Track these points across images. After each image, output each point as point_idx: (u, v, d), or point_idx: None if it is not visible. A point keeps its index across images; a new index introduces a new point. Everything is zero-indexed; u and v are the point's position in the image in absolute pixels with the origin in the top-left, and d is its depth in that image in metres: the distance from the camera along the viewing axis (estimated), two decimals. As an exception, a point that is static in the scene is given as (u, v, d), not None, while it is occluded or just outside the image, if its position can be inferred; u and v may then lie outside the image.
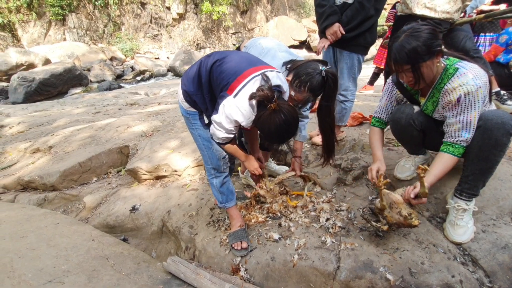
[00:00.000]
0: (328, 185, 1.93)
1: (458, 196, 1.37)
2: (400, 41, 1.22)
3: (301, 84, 1.42)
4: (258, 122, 1.27)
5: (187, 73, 1.46)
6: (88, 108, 5.58)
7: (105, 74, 10.41)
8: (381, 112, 1.62)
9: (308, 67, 1.43)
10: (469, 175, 1.33)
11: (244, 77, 1.24)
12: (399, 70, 1.28)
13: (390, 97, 1.57)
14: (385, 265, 1.29)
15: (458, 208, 1.35)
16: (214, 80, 1.34)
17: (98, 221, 2.28)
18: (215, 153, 1.54)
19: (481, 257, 1.29)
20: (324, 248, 1.43)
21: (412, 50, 1.20)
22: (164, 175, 2.53)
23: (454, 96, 1.25)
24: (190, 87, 1.41)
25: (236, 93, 1.23)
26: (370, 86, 4.32)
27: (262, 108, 1.23)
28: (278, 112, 1.21)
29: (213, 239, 1.68)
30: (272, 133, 1.25)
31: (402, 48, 1.21)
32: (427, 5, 1.90)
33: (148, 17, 12.94)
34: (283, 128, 1.23)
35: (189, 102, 1.44)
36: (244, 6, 13.87)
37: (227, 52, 1.40)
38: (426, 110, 1.46)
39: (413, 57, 1.21)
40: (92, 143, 3.25)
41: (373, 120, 1.65)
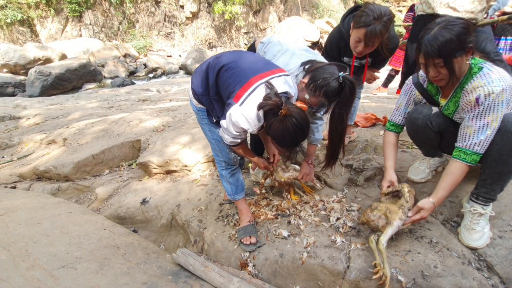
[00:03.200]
0: (339, 185, 1.92)
1: (474, 200, 1.33)
2: (433, 33, 1.15)
3: (317, 88, 1.38)
4: (269, 130, 1.27)
5: (197, 72, 1.50)
6: (101, 103, 5.69)
7: (119, 70, 10.59)
8: (397, 115, 1.56)
9: (326, 71, 1.38)
10: (487, 179, 1.28)
11: (249, 85, 1.25)
12: (429, 64, 1.20)
13: (408, 98, 1.51)
14: (397, 267, 1.27)
15: (474, 212, 1.32)
16: (221, 85, 1.37)
17: (109, 212, 2.32)
18: (226, 147, 1.56)
19: (497, 263, 1.25)
20: (334, 247, 1.42)
21: (445, 43, 1.12)
22: (175, 170, 2.55)
23: (473, 95, 1.20)
24: (198, 87, 1.45)
25: (242, 101, 1.24)
26: (384, 88, 4.26)
27: (271, 116, 1.23)
28: (289, 117, 1.21)
29: (222, 233, 1.68)
30: (285, 139, 1.26)
31: (434, 40, 1.14)
32: (451, 4, 1.86)
33: (162, 15, 13.10)
34: (296, 132, 1.23)
35: (198, 100, 1.49)
36: (257, 6, 13.88)
37: (235, 55, 1.39)
38: (447, 110, 1.39)
39: (446, 50, 1.13)
40: (105, 136, 3.31)
41: (388, 124, 1.59)
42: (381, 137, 2.31)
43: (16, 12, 11.45)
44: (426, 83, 1.43)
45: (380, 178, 1.87)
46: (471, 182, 1.58)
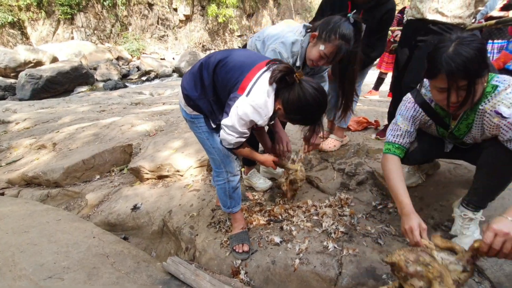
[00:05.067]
0: (331, 190, 1.91)
1: (465, 206, 1.33)
2: (452, 50, 0.98)
3: (331, 32, 1.35)
4: (289, 104, 1.17)
5: (186, 77, 1.38)
6: (93, 107, 5.62)
7: (111, 73, 10.50)
8: (402, 137, 1.31)
9: (332, 19, 1.38)
10: (479, 188, 1.27)
11: (253, 74, 1.18)
12: (452, 87, 1.01)
13: (414, 120, 1.30)
14: (388, 273, 1.27)
15: (465, 217, 1.32)
16: (219, 82, 1.28)
17: (100, 219, 2.28)
18: (228, 155, 1.45)
19: (488, 267, 1.26)
20: (326, 253, 1.41)
21: (471, 60, 0.96)
22: (167, 175, 2.52)
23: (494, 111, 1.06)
24: (192, 91, 1.33)
25: (248, 91, 1.16)
26: (375, 91, 4.30)
27: (286, 89, 1.16)
28: (305, 81, 1.15)
29: (214, 240, 1.66)
30: (311, 107, 1.16)
31: (459, 58, 0.96)
32: (439, 9, 1.87)
33: (155, 18, 13.06)
34: (318, 95, 1.15)
35: (193, 106, 1.37)
36: (251, 9, 13.94)
37: (228, 51, 1.33)
38: (458, 132, 1.27)
39: (473, 70, 0.97)
40: (96, 141, 3.26)
41: (390, 146, 1.33)
42: (373, 141, 2.33)
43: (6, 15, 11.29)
44: (435, 104, 1.26)
45: (372, 183, 1.88)
46: (462, 186, 1.59)
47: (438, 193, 1.60)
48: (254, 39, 1.73)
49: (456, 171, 1.71)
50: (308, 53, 1.51)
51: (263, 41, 1.62)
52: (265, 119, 1.21)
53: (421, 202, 1.59)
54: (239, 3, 13.38)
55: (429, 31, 1.93)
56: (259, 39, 1.66)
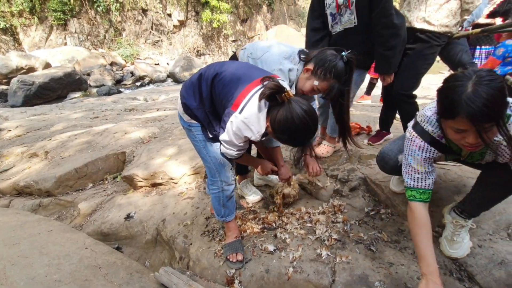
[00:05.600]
0: (324, 196, 1.93)
1: (458, 213, 1.34)
2: (475, 91, 0.88)
3: (326, 71, 1.41)
4: (275, 123, 1.16)
5: (186, 85, 1.42)
6: (86, 113, 5.58)
7: (105, 79, 10.44)
8: (423, 180, 1.18)
9: (328, 55, 1.42)
10: (476, 199, 1.27)
11: (248, 91, 1.21)
12: (471, 130, 0.93)
13: (430, 159, 1.19)
14: (381, 280, 1.28)
15: (456, 224, 1.33)
16: (216, 95, 1.31)
17: (92, 229, 2.25)
18: (224, 164, 1.47)
19: (478, 272, 1.28)
20: (319, 261, 1.42)
21: (493, 103, 0.87)
22: (160, 183, 2.51)
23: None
24: (191, 101, 1.36)
25: (241, 108, 1.19)
26: (368, 96, 4.36)
27: (275, 108, 1.17)
28: (294, 101, 1.15)
29: (208, 249, 1.66)
30: (297, 127, 1.14)
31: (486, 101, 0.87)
32: (426, 19, 1.93)
33: (149, 24, 13.06)
34: (306, 117, 1.13)
35: (190, 115, 1.40)
36: (244, 15, 14.05)
37: (225, 65, 1.36)
38: (471, 159, 1.22)
39: (495, 112, 0.89)
40: (89, 149, 3.24)
41: (413, 192, 1.20)
42: (365, 147, 2.35)
43: (-2, 21, 11.19)
44: (444, 140, 1.17)
45: (365, 189, 1.90)
46: (451, 192, 1.62)
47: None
48: (247, 54, 1.69)
49: (446, 177, 1.74)
50: (301, 83, 1.55)
51: (257, 62, 1.62)
52: (257, 135, 1.22)
53: (412, 208, 1.61)
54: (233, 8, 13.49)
55: (417, 39, 1.98)
56: (252, 57, 1.64)
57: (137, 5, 12.52)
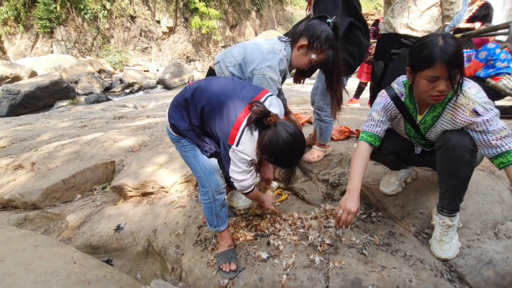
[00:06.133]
0: (316, 201, 1.93)
1: (441, 213, 1.38)
2: (444, 43, 1.09)
3: (323, 43, 1.46)
4: (263, 146, 1.24)
5: (174, 105, 1.42)
6: (74, 122, 5.47)
7: (93, 86, 10.29)
8: (375, 126, 1.40)
9: (318, 26, 1.46)
10: (445, 192, 1.35)
11: (239, 123, 1.25)
12: (443, 76, 1.11)
13: (385, 110, 1.40)
14: (374, 284, 1.28)
15: (443, 224, 1.36)
16: (209, 124, 1.35)
17: (81, 241, 2.19)
18: (214, 172, 1.48)
19: (467, 273, 1.30)
20: (312, 267, 1.42)
21: (459, 53, 1.09)
22: (151, 192, 2.48)
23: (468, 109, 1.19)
24: (180, 123, 1.39)
25: (237, 141, 1.26)
26: (356, 100, 4.42)
27: (263, 131, 1.24)
28: (280, 124, 1.21)
29: (200, 259, 1.63)
30: (282, 150, 1.20)
31: (453, 49, 1.08)
32: (409, 25, 1.98)
33: (137, 30, 12.99)
34: (291, 140, 1.19)
35: (179, 134, 1.43)
36: (234, 21, 14.14)
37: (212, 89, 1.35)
38: (423, 124, 1.37)
39: (461, 60, 1.12)
40: (77, 159, 3.17)
41: (363, 134, 1.42)
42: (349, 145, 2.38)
43: (-19, 29, 10.92)
44: (405, 97, 1.37)
45: (356, 192, 1.91)
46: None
47: (418, 200, 1.65)
48: (224, 66, 1.65)
49: (434, 178, 1.76)
50: (296, 61, 1.58)
51: (240, 65, 1.60)
52: (256, 159, 1.33)
53: (402, 210, 1.64)
54: (222, 14, 13.56)
55: (401, 44, 2.03)
56: (232, 64, 1.61)
57: (125, 12, 12.44)
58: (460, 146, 1.22)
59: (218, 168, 1.50)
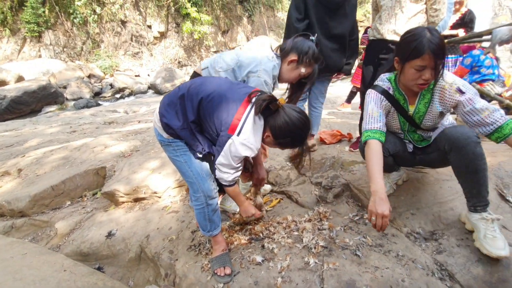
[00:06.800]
0: (309, 204, 1.95)
1: (475, 211, 1.36)
2: (430, 36, 1.23)
3: (311, 58, 1.60)
4: (277, 130, 1.28)
5: (165, 104, 1.39)
6: (63, 127, 5.36)
7: (82, 91, 10.12)
8: (376, 122, 1.42)
9: (305, 43, 1.61)
10: (472, 189, 1.34)
11: (241, 113, 1.26)
12: (429, 66, 1.25)
13: (380, 104, 1.46)
14: (368, 284, 1.30)
15: (487, 219, 1.32)
16: (206, 118, 1.32)
17: (71, 249, 2.14)
18: (206, 177, 1.46)
19: (457, 271, 1.33)
20: (307, 269, 1.42)
21: (444, 44, 1.24)
22: (143, 197, 2.45)
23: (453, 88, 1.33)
24: (174, 121, 1.34)
25: (239, 131, 1.25)
26: (348, 104, 4.50)
27: (272, 117, 1.28)
28: (286, 107, 1.29)
29: (194, 264, 1.62)
30: (298, 127, 1.27)
31: (439, 41, 1.22)
32: (396, 31, 2.05)
33: (128, 35, 12.90)
34: (302, 117, 1.28)
35: (172, 134, 1.39)
36: (225, 26, 14.22)
37: (208, 84, 1.35)
38: (418, 113, 1.46)
39: (445, 51, 1.27)
40: (66, 165, 3.10)
41: (368, 133, 1.41)
42: (347, 153, 2.42)
43: (-35, 33, 10.64)
44: (393, 91, 1.47)
45: (348, 194, 1.94)
46: (429, 194, 1.69)
47: (409, 202, 1.68)
48: (213, 71, 1.67)
49: (423, 180, 1.81)
50: (286, 75, 1.69)
51: (233, 70, 1.64)
52: (256, 151, 1.32)
53: (394, 211, 1.67)
54: (214, 20, 13.63)
55: (389, 50, 2.09)
56: (224, 69, 1.65)
57: (116, 17, 12.36)
58: (468, 144, 1.25)
59: (210, 173, 1.49)
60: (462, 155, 1.29)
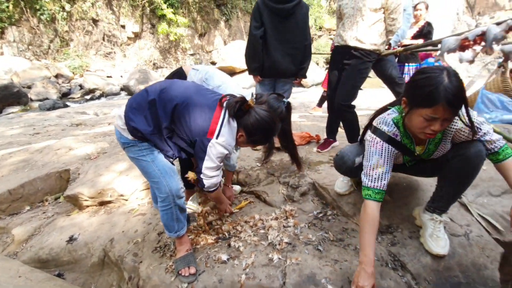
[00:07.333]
0: (277, 202, 2.00)
1: (430, 211, 1.45)
2: (450, 83, 1.03)
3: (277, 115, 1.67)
4: (250, 128, 1.40)
5: (132, 107, 1.36)
6: (25, 129, 5.04)
7: (49, 92, 9.57)
8: (380, 180, 1.26)
9: (274, 100, 1.71)
10: (444, 195, 1.39)
11: (217, 117, 1.36)
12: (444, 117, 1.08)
13: (387, 158, 1.28)
14: (327, 277, 1.36)
15: (436, 220, 1.42)
16: (180, 123, 1.35)
17: (29, 256, 2.02)
18: (174, 177, 1.45)
19: (408, 261, 1.43)
20: (271, 265, 1.46)
21: (464, 92, 1.06)
22: (109, 201, 2.37)
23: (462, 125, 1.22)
24: (143, 126, 1.34)
25: (217, 134, 1.35)
26: (319, 108, 4.66)
27: (243, 117, 1.39)
28: (256, 107, 1.41)
29: (159, 266, 1.60)
30: (268, 124, 1.41)
31: (458, 90, 1.04)
32: (358, 37, 2.18)
33: (100, 34, 12.41)
34: (270, 114, 1.42)
35: (140, 138, 1.38)
36: (202, 29, 14.14)
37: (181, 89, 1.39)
38: (427, 153, 1.35)
39: (465, 99, 1.08)
40: (26, 168, 2.92)
41: (369, 191, 1.28)
42: (314, 154, 2.51)
43: None
44: (400, 137, 1.31)
45: (314, 193, 2.01)
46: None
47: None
48: (200, 77, 1.85)
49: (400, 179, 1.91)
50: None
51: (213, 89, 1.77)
52: (232, 150, 1.45)
53: (354, 207, 1.76)
54: (191, 23, 13.50)
55: (352, 56, 2.21)
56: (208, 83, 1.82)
57: (87, 15, 11.85)
58: (477, 156, 1.22)
59: (176, 172, 1.49)
60: (466, 164, 1.25)
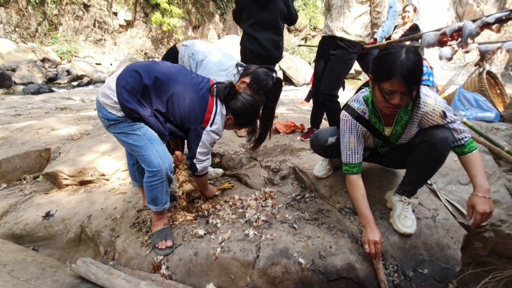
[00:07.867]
0: (257, 185, 2.03)
1: (400, 193, 1.51)
2: (406, 59, 1.09)
3: (259, 88, 1.69)
4: (238, 112, 1.54)
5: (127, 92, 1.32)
6: (7, 110, 4.88)
7: (34, 76, 9.29)
8: (354, 154, 1.39)
9: (263, 73, 1.70)
10: (412, 179, 1.45)
11: (211, 107, 1.49)
12: (399, 91, 1.14)
13: (357, 134, 1.38)
14: (299, 251, 1.40)
15: (404, 201, 1.48)
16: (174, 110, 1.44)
17: (2, 231, 1.98)
18: (166, 150, 1.44)
19: (378, 240, 1.48)
20: (246, 240, 1.49)
21: (420, 68, 1.11)
22: (90, 180, 2.34)
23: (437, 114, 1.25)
24: (141, 109, 1.34)
25: (211, 122, 1.49)
26: (306, 102, 4.72)
27: (231, 102, 1.53)
28: (241, 92, 1.57)
29: (135, 240, 1.61)
30: (253, 107, 1.56)
31: (413, 66, 1.09)
32: (344, 28, 2.22)
33: (91, 20, 12.12)
34: (253, 98, 1.58)
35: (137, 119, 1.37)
36: (197, 22, 14.00)
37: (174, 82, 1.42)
38: (395, 134, 1.40)
39: (420, 75, 1.13)
40: (5, 145, 2.85)
41: (347, 167, 1.42)
42: (298, 142, 2.55)
43: None
44: (368, 115, 1.37)
45: (294, 177, 2.05)
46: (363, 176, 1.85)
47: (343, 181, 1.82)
48: (188, 53, 1.86)
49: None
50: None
51: (197, 64, 1.81)
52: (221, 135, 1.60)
53: (330, 190, 1.81)
54: (185, 14, 13.34)
55: (338, 46, 2.26)
56: (193, 58, 1.83)
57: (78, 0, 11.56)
58: (443, 143, 1.26)
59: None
60: (431, 149, 1.29)
